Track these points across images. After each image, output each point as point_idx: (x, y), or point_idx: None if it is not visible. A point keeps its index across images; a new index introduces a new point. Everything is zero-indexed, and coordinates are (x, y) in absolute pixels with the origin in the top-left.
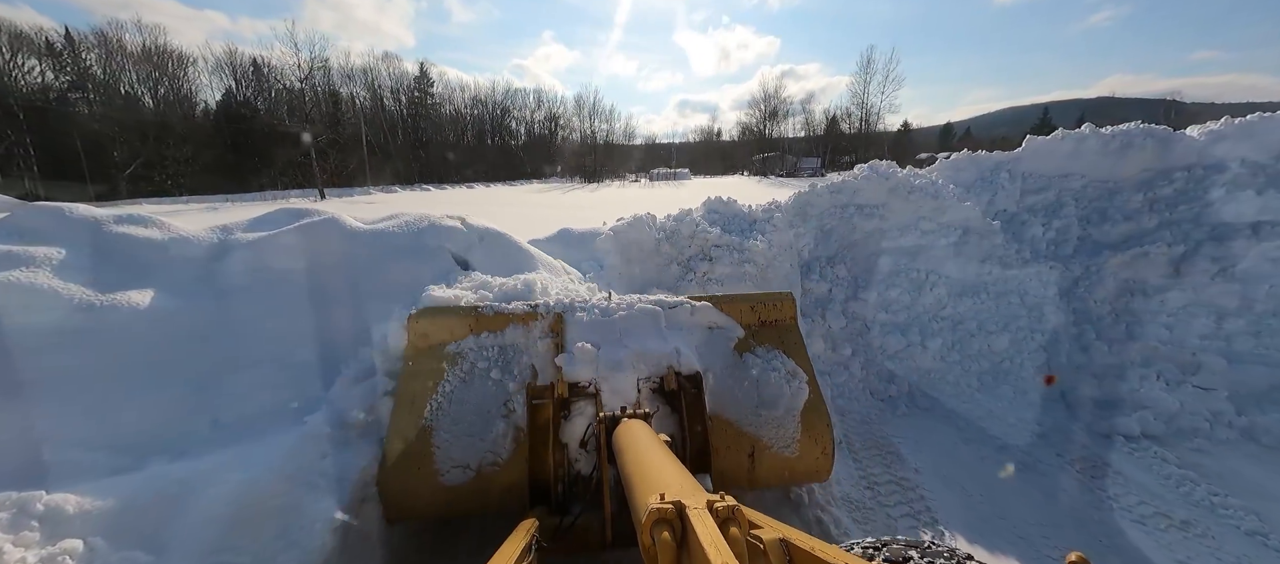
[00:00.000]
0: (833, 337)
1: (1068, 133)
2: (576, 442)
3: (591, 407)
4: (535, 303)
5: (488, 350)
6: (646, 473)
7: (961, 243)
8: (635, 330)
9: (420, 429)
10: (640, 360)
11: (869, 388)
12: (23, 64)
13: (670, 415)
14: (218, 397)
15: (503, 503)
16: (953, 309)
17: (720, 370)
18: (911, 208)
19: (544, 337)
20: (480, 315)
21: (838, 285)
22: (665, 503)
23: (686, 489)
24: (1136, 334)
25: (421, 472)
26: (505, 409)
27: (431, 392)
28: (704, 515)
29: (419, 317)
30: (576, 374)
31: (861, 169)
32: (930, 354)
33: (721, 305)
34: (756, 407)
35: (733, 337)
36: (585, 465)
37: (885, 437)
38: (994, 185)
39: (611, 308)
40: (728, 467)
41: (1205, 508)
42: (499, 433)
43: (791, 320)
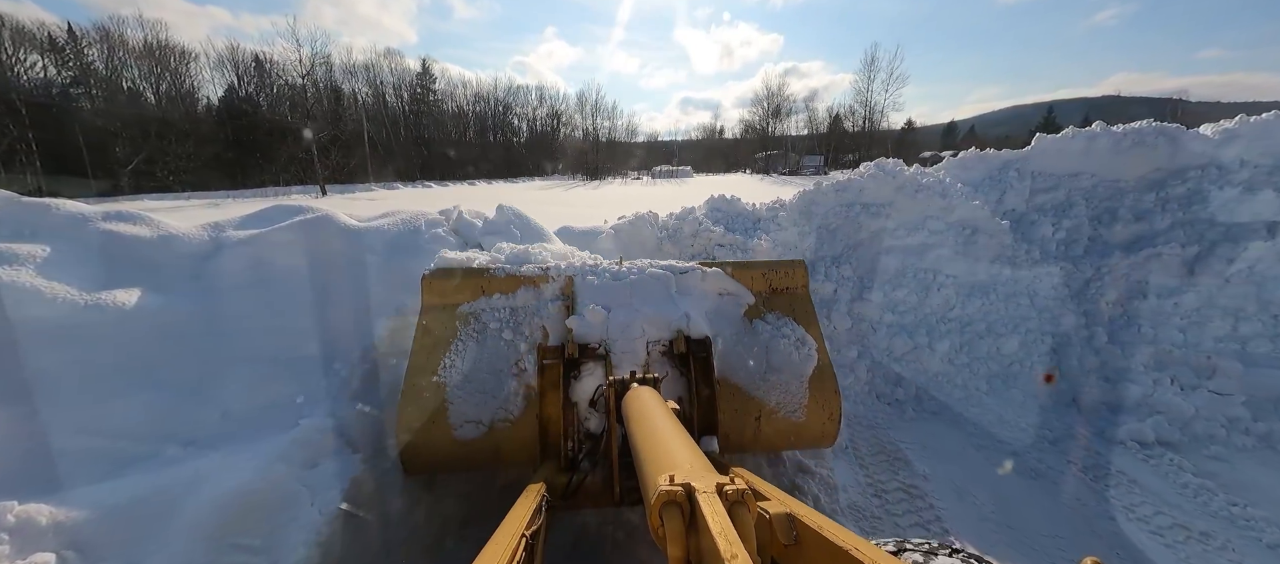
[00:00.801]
0: (838, 338)
1: (1078, 131)
2: (586, 401)
3: (601, 368)
4: (546, 266)
5: (499, 311)
6: (656, 448)
7: (970, 242)
8: (645, 294)
9: (434, 386)
10: (650, 324)
11: (875, 391)
12: (25, 59)
13: (679, 378)
14: (205, 400)
15: (514, 458)
16: (961, 310)
17: (729, 336)
18: (919, 207)
19: (555, 299)
20: (492, 277)
21: (843, 285)
22: (674, 485)
23: (696, 469)
24: (1149, 337)
25: (436, 426)
26: (516, 368)
27: (445, 350)
28: (713, 500)
29: (433, 277)
30: (587, 336)
31: (868, 167)
32: (938, 356)
33: (732, 272)
34: (765, 372)
35: (743, 303)
36: (595, 424)
37: (892, 442)
38: (1003, 184)
39: (622, 272)
40: (734, 430)
41: (1224, 518)
42: (510, 391)
43: (803, 288)
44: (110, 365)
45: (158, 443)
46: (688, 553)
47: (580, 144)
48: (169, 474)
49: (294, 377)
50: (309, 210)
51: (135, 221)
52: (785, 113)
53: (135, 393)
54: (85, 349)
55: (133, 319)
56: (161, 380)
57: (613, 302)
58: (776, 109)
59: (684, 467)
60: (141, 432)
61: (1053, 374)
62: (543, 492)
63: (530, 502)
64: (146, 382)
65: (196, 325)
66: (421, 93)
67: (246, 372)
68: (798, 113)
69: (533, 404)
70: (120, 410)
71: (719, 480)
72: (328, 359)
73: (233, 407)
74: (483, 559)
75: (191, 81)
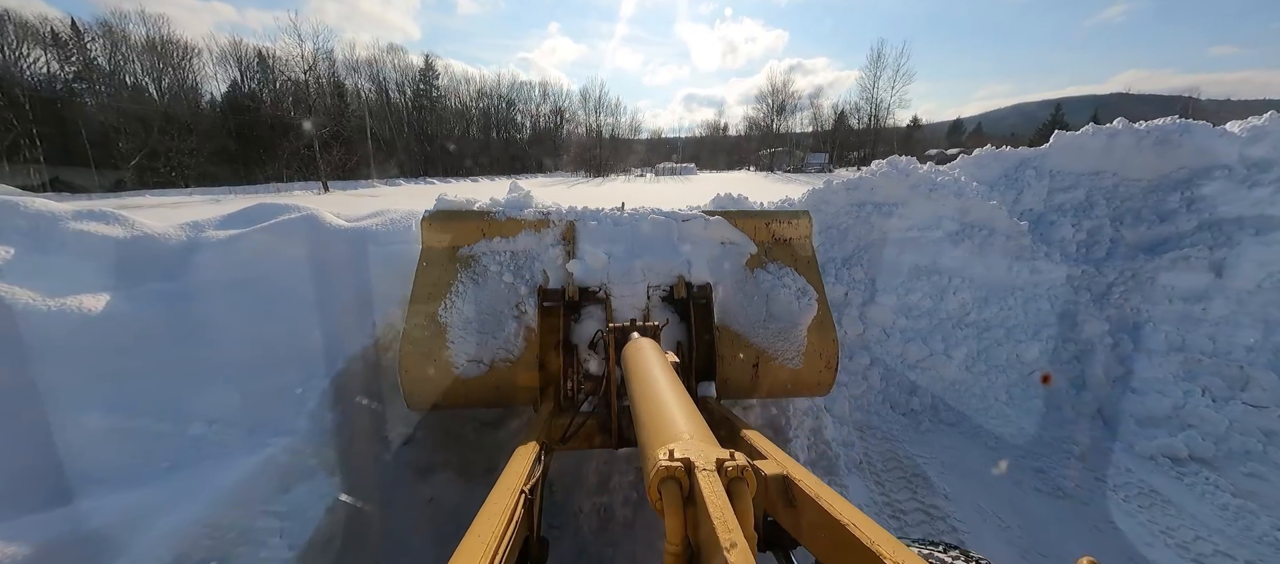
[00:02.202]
0: (849, 344)
1: (1098, 128)
2: (586, 344)
3: (601, 311)
4: (547, 210)
5: (500, 254)
6: (656, 412)
7: (986, 244)
8: (647, 240)
9: (435, 325)
10: (651, 269)
11: (889, 400)
12: (28, 54)
13: (678, 323)
14: (168, 418)
15: (514, 398)
16: (978, 315)
17: (730, 283)
18: (933, 206)
19: (556, 244)
20: (493, 220)
21: (854, 288)
22: (674, 461)
23: (696, 439)
24: (1177, 344)
25: (437, 364)
26: (517, 310)
27: (445, 290)
28: (713, 481)
29: (433, 218)
30: (587, 280)
31: (880, 165)
32: (955, 364)
33: (735, 221)
34: (764, 319)
35: (745, 252)
36: (595, 366)
37: (909, 456)
38: (1020, 183)
39: (624, 218)
40: (732, 376)
41: (1271, 544)
42: (511, 332)
43: (806, 239)
44: (65, 378)
45: (106, 467)
46: (685, 527)
47: (583, 141)
48: (112, 506)
49: (268, 391)
50: (294, 209)
51: (109, 221)
52: (790, 109)
53: (91, 410)
54: (41, 360)
55: (96, 327)
56: (122, 395)
57: (614, 247)
58: (781, 106)
59: (684, 436)
60: (91, 453)
61: (1049, 375)
62: (539, 444)
63: (528, 454)
64: (106, 396)
65: (165, 334)
66: (424, 89)
67: (215, 386)
68: (802, 109)
69: (533, 345)
70: (71, 428)
71: (719, 456)
72: (305, 372)
73: (197, 426)
74: (480, 521)
75: (195, 77)
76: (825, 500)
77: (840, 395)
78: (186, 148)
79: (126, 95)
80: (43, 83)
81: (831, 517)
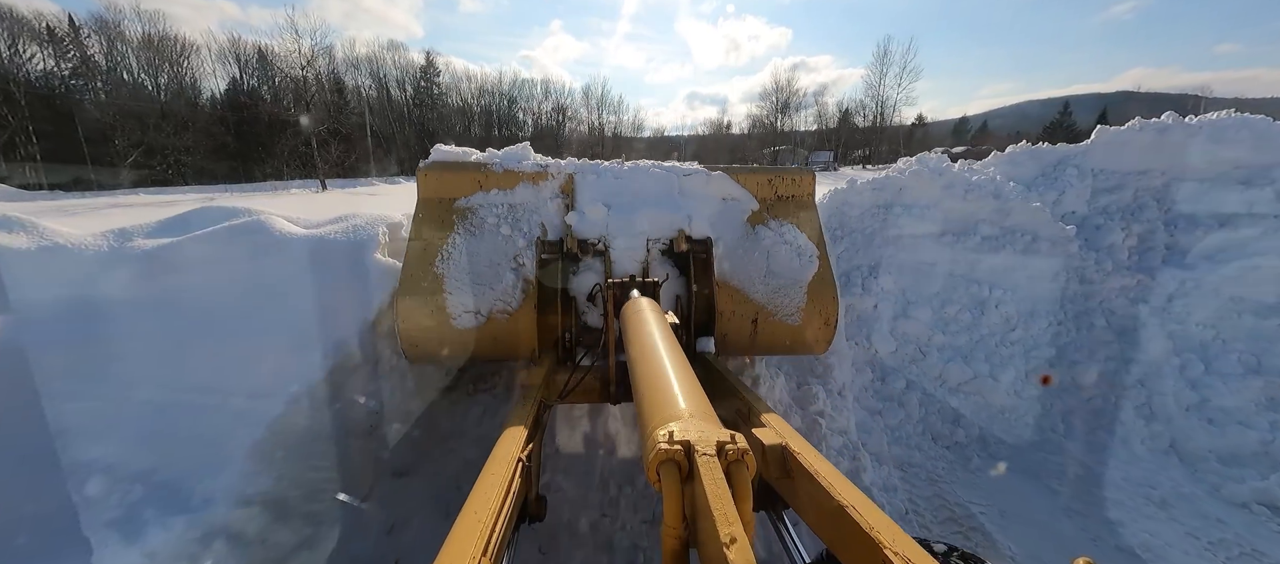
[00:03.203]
0: (881, 365)
1: (1145, 122)
2: (584, 296)
3: (600, 264)
4: (545, 163)
5: (497, 207)
6: (655, 382)
7: (1030, 251)
8: (648, 194)
9: (432, 275)
10: (651, 222)
11: (931, 431)
12: (24, 50)
13: (678, 277)
14: (44, 488)
15: (512, 350)
16: (1024, 332)
17: (731, 239)
18: (968, 209)
19: (555, 197)
20: (490, 172)
21: (884, 301)
22: (674, 444)
23: (696, 416)
24: (1252, 365)
25: (434, 314)
26: (515, 263)
27: (442, 242)
28: (713, 466)
29: (429, 169)
30: (586, 232)
31: (908, 163)
32: (1002, 388)
33: (737, 177)
34: (765, 276)
35: (747, 208)
36: (593, 318)
37: (962, 504)
38: (1060, 183)
39: (624, 171)
40: (731, 331)
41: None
42: (509, 284)
43: (808, 197)
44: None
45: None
46: (684, 508)
47: (585, 139)
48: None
49: (178, 448)
50: (241, 213)
51: (13, 229)
52: (794, 108)
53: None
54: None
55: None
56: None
57: (614, 200)
58: (785, 104)
59: (684, 413)
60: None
61: (1049, 377)
62: (536, 403)
63: (524, 418)
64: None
65: (58, 370)
66: (425, 86)
67: (109, 443)
68: (807, 108)
69: (531, 297)
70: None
71: (720, 438)
72: (230, 423)
73: (80, 495)
74: (475, 498)
75: (193, 74)
76: (824, 478)
77: (876, 426)
78: (183, 145)
79: (125, 92)
80: (39, 80)
81: (831, 497)
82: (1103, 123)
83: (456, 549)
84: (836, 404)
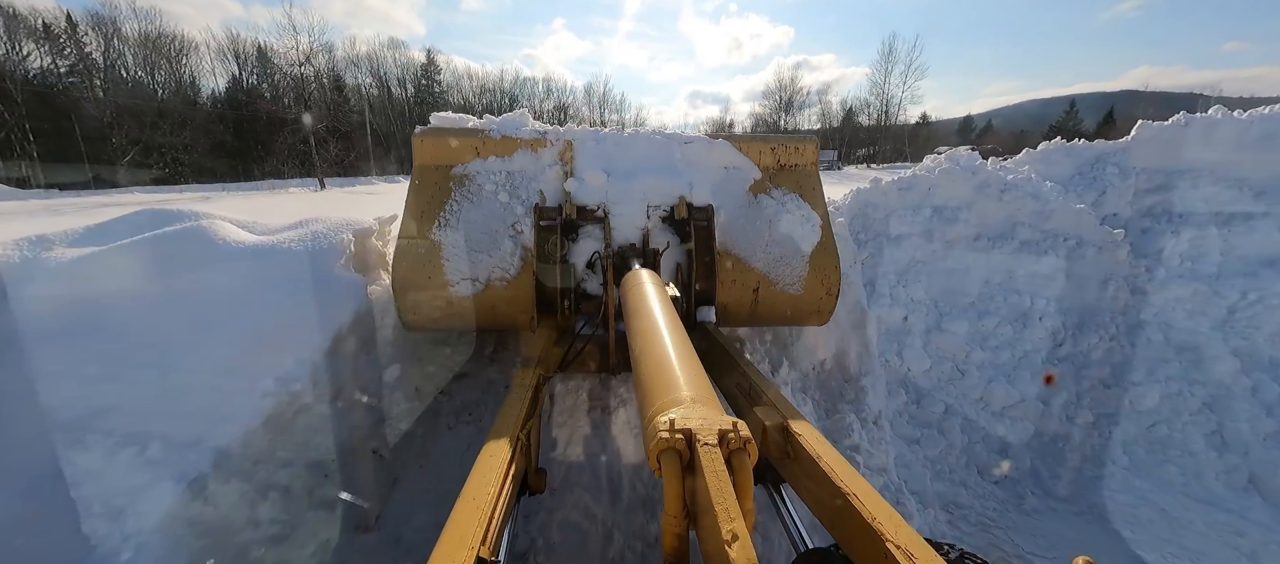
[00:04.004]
0: (915, 385)
1: (1191, 118)
2: (583, 264)
3: (600, 231)
4: (544, 130)
5: (495, 174)
6: (656, 366)
7: (1074, 257)
8: (648, 161)
9: (429, 242)
10: (651, 189)
11: (976, 463)
12: (21, 48)
13: (678, 245)
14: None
15: (511, 318)
16: (1072, 348)
17: (732, 208)
18: (1005, 210)
19: (553, 164)
20: (487, 138)
21: (915, 312)
22: (675, 432)
23: (698, 401)
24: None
25: (432, 281)
26: (513, 230)
27: (438, 209)
28: (715, 457)
29: (425, 136)
30: (585, 199)
31: (938, 160)
32: (1053, 414)
33: (739, 145)
34: (767, 244)
35: (749, 177)
36: (592, 286)
37: (1021, 553)
38: (1100, 182)
39: (625, 137)
40: (732, 301)
41: None
42: (507, 251)
43: (812, 166)
44: None
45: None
46: (684, 495)
47: None
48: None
49: (74, 515)
50: (186, 217)
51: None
52: (798, 106)
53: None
54: None
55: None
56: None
57: (614, 166)
58: (788, 102)
59: (686, 398)
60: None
61: (1052, 376)
62: (534, 376)
63: (522, 395)
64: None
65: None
66: (427, 85)
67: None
68: (810, 106)
69: (529, 264)
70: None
71: (722, 427)
72: (146, 482)
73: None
74: (477, 476)
75: (191, 71)
76: (826, 463)
77: (915, 458)
78: (181, 143)
79: (124, 90)
80: (36, 77)
81: (833, 483)
82: (1108, 122)
83: (455, 537)
84: (873, 436)
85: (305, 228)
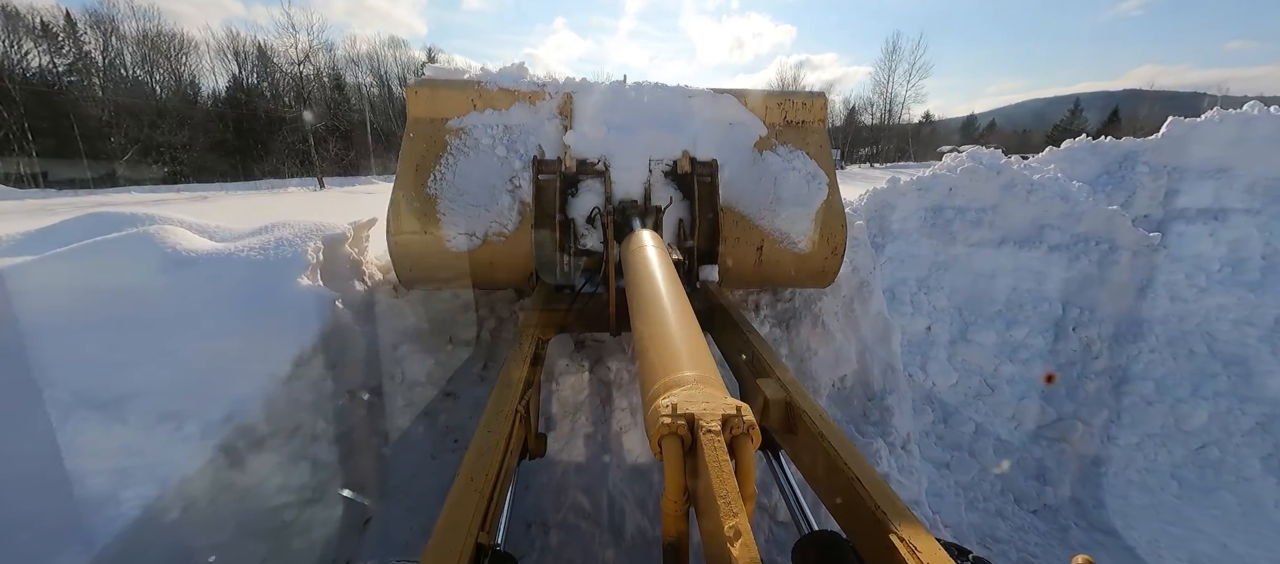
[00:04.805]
0: (941, 402)
1: (1225, 114)
2: (583, 218)
3: (600, 185)
4: (542, 82)
5: (492, 128)
6: (658, 339)
7: (1107, 262)
8: (651, 115)
9: (425, 196)
10: (654, 143)
11: (1013, 491)
12: (20, 47)
13: (681, 201)
14: None
15: (509, 275)
16: (1110, 361)
17: (737, 165)
18: (1032, 212)
19: (552, 118)
20: (484, 91)
21: (939, 321)
22: (677, 416)
23: (701, 381)
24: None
25: (428, 235)
26: (511, 184)
27: (434, 162)
28: (717, 446)
29: (420, 87)
30: (585, 152)
31: (958, 159)
32: (1094, 433)
33: (745, 100)
34: (771, 201)
35: (755, 134)
36: (592, 241)
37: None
38: (1129, 182)
39: (627, 88)
40: (735, 258)
41: None
42: (505, 206)
43: (820, 123)
44: None
45: None
46: (686, 480)
47: None
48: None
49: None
50: (139, 221)
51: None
52: None
53: None
54: None
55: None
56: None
57: (616, 120)
58: None
59: (688, 377)
60: None
61: (1053, 375)
62: (533, 342)
63: (520, 363)
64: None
65: None
66: None
67: None
68: None
69: (527, 220)
70: None
71: (725, 412)
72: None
73: None
74: (475, 453)
75: (191, 71)
76: (830, 442)
77: (947, 485)
78: (180, 142)
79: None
80: (35, 76)
81: (837, 466)
82: (1113, 121)
83: (452, 524)
84: (903, 463)
85: (271, 233)
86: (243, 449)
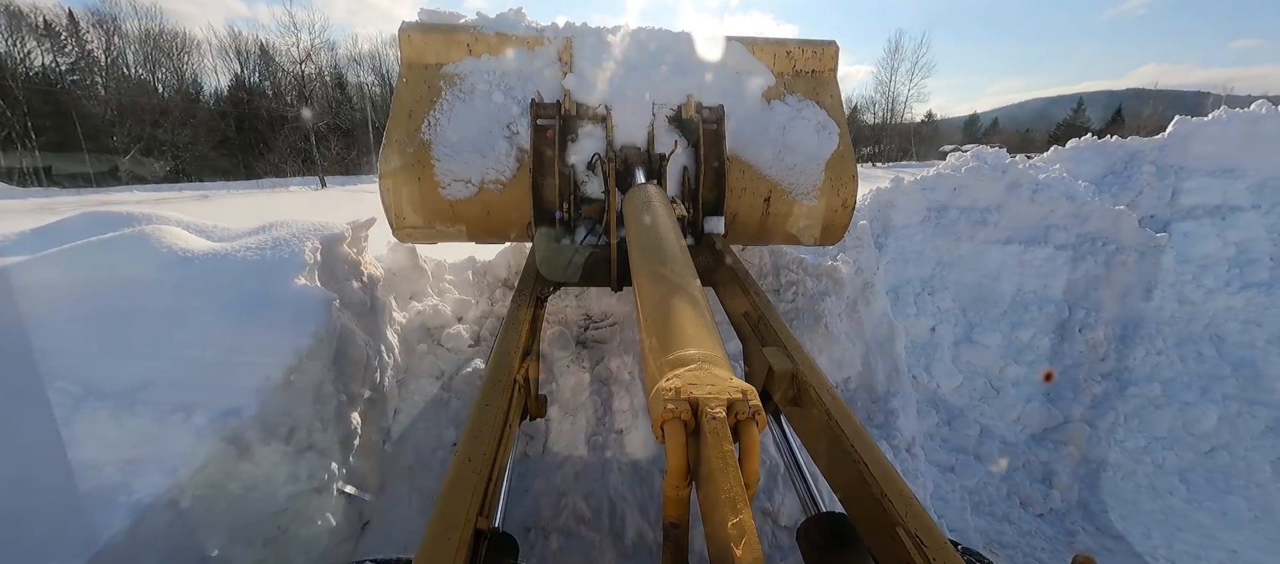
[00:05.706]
0: (946, 404)
1: (1232, 113)
2: (583, 165)
3: (602, 130)
4: (542, 28)
5: (489, 73)
6: (661, 316)
7: (1114, 264)
8: (655, 58)
9: (419, 142)
10: (658, 87)
11: (1019, 494)
12: (23, 46)
13: (686, 148)
14: None
15: (506, 224)
16: (1117, 362)
17: (744, 113)
18: (1038, 212)
19: (552, 63)
20: (480, 35)
21: (943, 322)
22: (680, 400)
23: (705, 361)
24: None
25: (422, 183)
26: (508, 131)
27: (428, 108)
28: (722, 434)
29: (412, 31)
30: (586, 96)
31: (963, 158)
32: (1101, 437)
33: (754, 49)
34: (780, 151)
35: (763, 82)
36: (592, 189)
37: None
38: (1136, 183)
39: (631, 31)
40: (742, 210)
41: None
42: (501, 152)
43: (830, 73)
44: None
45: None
46: (688, 462)
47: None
48: None
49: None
50: (134, 221)
51: None
52: None
53: None
54: None
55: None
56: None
57: (619, 64)
58: None
59: (692, 356)
60: None
61: (1052, 373)
62: (531, 301)
63: (521, 320)
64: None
65: None
66: None
67: None
68: None
69: (526, 166)
70: None
71: (731, 396)
72: None
73: None
74: (474, 422)
75: (193, 69)
76: (838, 423)
77: (952, 489)
78: (182, 141)
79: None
80: (37, 75)
81: (843, 447)
82: (1116, 120)
83: (450, 509)
84: (907, 467)
85: (268, 233)
86: (235, 453)
